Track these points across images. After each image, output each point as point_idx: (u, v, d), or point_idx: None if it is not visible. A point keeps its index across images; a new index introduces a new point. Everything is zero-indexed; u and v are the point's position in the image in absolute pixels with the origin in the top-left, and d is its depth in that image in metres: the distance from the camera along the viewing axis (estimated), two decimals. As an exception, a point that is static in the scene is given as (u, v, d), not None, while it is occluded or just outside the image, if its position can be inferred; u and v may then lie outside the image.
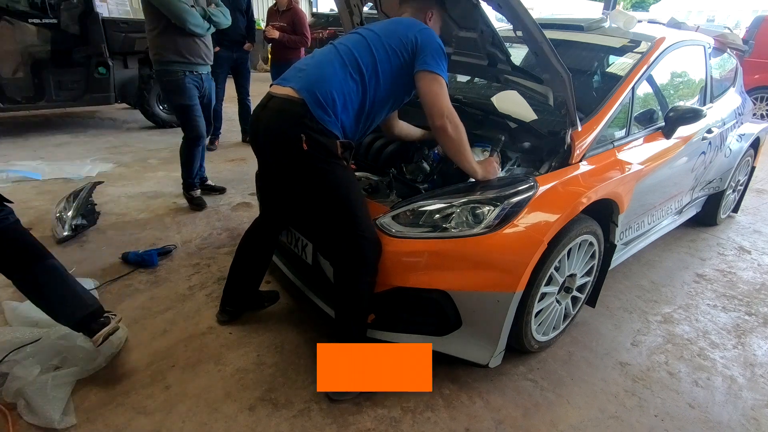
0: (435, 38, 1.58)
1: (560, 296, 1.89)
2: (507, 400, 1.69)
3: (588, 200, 1.72)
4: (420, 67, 1.53)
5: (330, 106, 1.47)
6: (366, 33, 1.60)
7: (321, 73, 1.50)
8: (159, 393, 1.63)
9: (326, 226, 1.64)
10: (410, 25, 1.60)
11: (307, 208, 1.72)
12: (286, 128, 1.48)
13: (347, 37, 1.64)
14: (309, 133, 1.45)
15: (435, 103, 1.51)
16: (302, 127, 1.45)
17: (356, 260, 1.53)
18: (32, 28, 4.20)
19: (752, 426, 1.67)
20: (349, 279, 1.56)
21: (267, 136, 1.58)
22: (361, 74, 1.52)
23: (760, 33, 6.48)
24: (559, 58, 1.53)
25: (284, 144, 1.50)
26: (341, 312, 1.63)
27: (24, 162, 3.84)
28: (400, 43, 1.55)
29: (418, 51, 1.54)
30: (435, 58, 1.53)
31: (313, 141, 1.46)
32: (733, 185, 3.30)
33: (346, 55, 1.53)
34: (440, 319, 1.63)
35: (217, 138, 4.67)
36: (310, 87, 1.47)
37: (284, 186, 1.74)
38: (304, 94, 1.46)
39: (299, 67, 1.58)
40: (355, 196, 1.56)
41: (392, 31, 1.58)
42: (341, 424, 1.55)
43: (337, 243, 1.56)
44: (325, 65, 1.52)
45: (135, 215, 3.02)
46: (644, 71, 2.12)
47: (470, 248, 1.52)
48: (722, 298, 2.47)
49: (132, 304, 2.11)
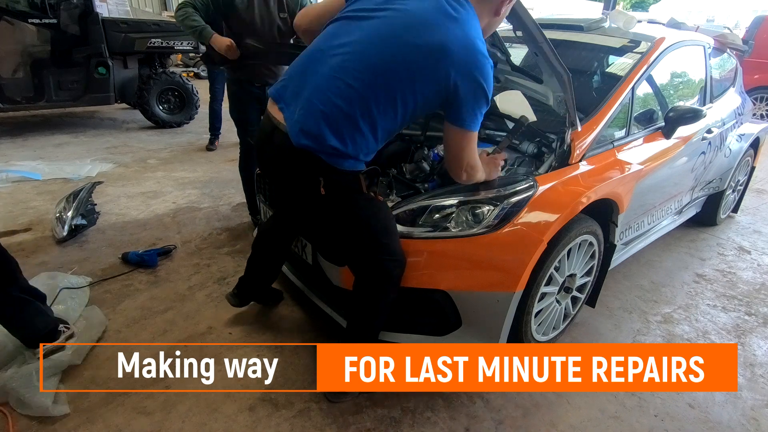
0: (482, 80, 1.22)
1: (560, 296, 1.89)
2: (507, 400, 1.68)
3: (588, 200, 1.72)
4: (453, 123, 1.29)
5: (337, 144, 1.24)
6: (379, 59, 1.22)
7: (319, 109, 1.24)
8: (159, 393, 1.63)
9: (350, 251, 1.52)
10: (451, 53, 1.20)
11: (329, 236, 1.60)
12: (299, 174, 1.33)
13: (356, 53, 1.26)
14: (326, 176, 1.28)
15: (460, 157, 1.36)
16: (317, 170, 1.27)
17: (383, 280, 1.47)
18: (32, 28, 4.20)
19: (752, 426, 1.67)
20: (372, 295, 1.51)
21: (277, 175, 1.45)
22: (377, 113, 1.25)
23: (760, 33, 6.48)
24: (559, 58, 1.53)
25: (299, 189, 1.39)
26: (356, 323, 1.59)
27: (24, 162, 3.85)
28: (432, 87, 1.22)
29: (454, 101, 1.24)
30: (475, 110, 1.26)
31: (331, 182, 1.30)
32: (732, 185, 3.30)
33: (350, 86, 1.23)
34: (440, 319, 1.63)
35: (217, 138, 4.67)
36: (309, 129, 1.24)
37: (302, 215, 1.61)
38: (303, 143, 1.25)
39: (294, 90, 1.32)
40: (384, 225, 1.43)
41: (423, 67, 1.20)
42: (341, 424, 1.55)
43: (364, 264, 1.48)
44: (323, 98, 1.24)
45: (135, 215, 3.02)
46: (644, 71, 2.12)
47: (470, 248, 1.52)
48: (722, 298, 2.47)
49: (132, 304, 2.11)
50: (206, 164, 4.10)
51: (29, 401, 1.48)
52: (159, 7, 12.28)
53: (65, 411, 1.51)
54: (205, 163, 4.16)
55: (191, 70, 9.13)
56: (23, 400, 1.49)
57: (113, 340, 1.87)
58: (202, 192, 3.38)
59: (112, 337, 1.89)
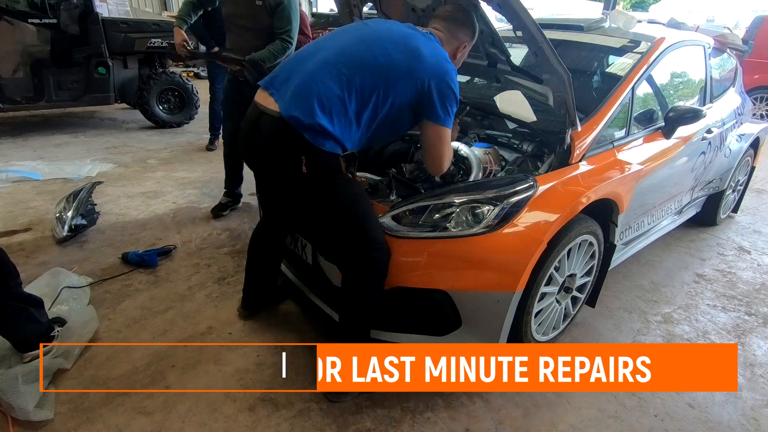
0: (452, 84, 1.46)
1: (560, 296, 1.89)
2: (507, 400, 1.69)
3: (588, 200, 1.72)
4: (430, 119, 1.48)
5: (327, 125, 1.36)
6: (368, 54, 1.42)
7: (311, 90, 1.37)
8: (159, 393, 1.63)
9: (334, 238, 1.57)
10: (425, 61, 1.43)
11: (313, 222, 1.63)
12: (282, 153, 1.42)
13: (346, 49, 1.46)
14: (309, 155, 1.38)
15: (440, 151, 1.54)
16: (300, 149, 1.37)
17: (368, 269, 1.50)
18: (32, 28, 4.19)
19: (752, 426, 1.67)
20: (360, 286, 1.54)
21: (261, 158, 1.52)
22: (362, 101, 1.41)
23: (760, 33, 6.47)
24: (559, 58, 1.53)
25: (282, 168, 1.45)
26: (347, 316, 1.61)
27: (24, 162, 3.84)
28: (411, 90, 1.43)
29: (429, 101, 1.45)
30: (447, 108, 1.46)
31: (313, 162, 1.39)
32: (732, 185, 3.30)
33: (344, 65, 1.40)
34: (440, 319, 1.63)
35: (217, 138, 4.66)
36: (292, 113, 1.35)
37: (286, 201, 1.66)
38: (290, 119, 1.35)
39: (287, 81, 1.44)
40: (363, 208, 1.50)
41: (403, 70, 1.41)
42: (341, 424, 1.55)
43: (347, 253, 1.52)
44: (318, 79, 1.39)
45: (135, 215, 3.02)
46: (644, 71, 2.12)
47: (470, 248, 1.52)
48: (722, 298, 2.47)
49: (132, 304, 2.11)
50: (206, 164, 4.10)
51: (13, 404, 1.47)
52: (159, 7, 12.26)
53: (48, 416, 1.48)
54: (205, 163, 4.15)
55: (191, 70, 9.11)
56: (9, 402, 1.47)
57: (113, 340, 1.87)
58: (202, 192, 3.38)
59: (112, 337, 1.90)
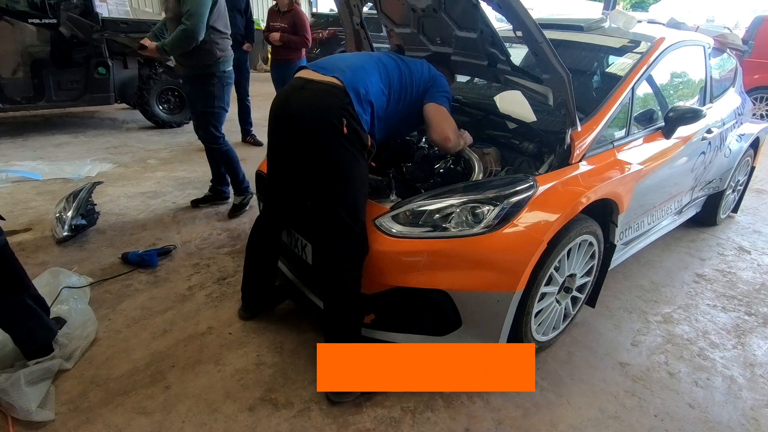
0: (447, 86, 1.85)
1: (560, 296, 1.89)
2: (507, 400, 1.69)
3: (587, 200, 1.72)
4: (434, 101, 1.76)
5: (366, 110, 1.58)
6: (399, 62, 1.77)
7: (364, 78, 1.60)
8: (159, 393, 1.63)
9: (322, 209, 1.59)
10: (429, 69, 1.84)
11: (316, 191, 1.63)
12: (330, 110, 1.53)
13: (386, 54, 1.83)
14: (351, 121, 1.52)
15: (444, 126, 1.74)
16: (346, 113, 1.52)
17: (338, 250, 1.54)
18: (32, 28, 4.19)
19: (752, 426, 1.67)
20: (332, 270, 1.56)
21: (304, 113, 1.58)
22: (390, 94, 1.68)
23: (759, 33, 6.48)
24: (558, 58, 1.53)
25: (324, 123, 1.53)
26: (329, 307, 1.62)
27: (24, 162, 3.85)
28: (420, 80, 1.77)
29: (432, 88, 1.78)
30: (445, 97, 1.79)
31: (352, 129, 1.53)
32: (732, 185, 3.30)
33: (383, 70, 1.68)
34: (440, 319, 1.63)
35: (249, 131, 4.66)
36: (354, 85, 1.56)
37: (303, 164, 1.65)
38: (350, 89, 1.54)
39: (339, 66, 1.63)
40: (362, 189, 1.61)
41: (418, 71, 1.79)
42: (341, 424, 1.55)
43: (325, 228, 1.57)
44: (368, 71, 1.64)
45: (135, 215, 3.02)
46: (644, 71, 2.12)
47: (470, 248, 1.52)
48: (722, 298, 2.47)
49: (132, 304, 2.11)
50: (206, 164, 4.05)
51: (15, 404, 1.47)
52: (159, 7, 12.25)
53: (50, 416, 1.49)
54: (205, 163, 4.10)
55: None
56: (11, 403, 1.48)
57: (113, 340, 1.87)
58: (202, 192, 3.37)
59: (113, 337, 1.89)
